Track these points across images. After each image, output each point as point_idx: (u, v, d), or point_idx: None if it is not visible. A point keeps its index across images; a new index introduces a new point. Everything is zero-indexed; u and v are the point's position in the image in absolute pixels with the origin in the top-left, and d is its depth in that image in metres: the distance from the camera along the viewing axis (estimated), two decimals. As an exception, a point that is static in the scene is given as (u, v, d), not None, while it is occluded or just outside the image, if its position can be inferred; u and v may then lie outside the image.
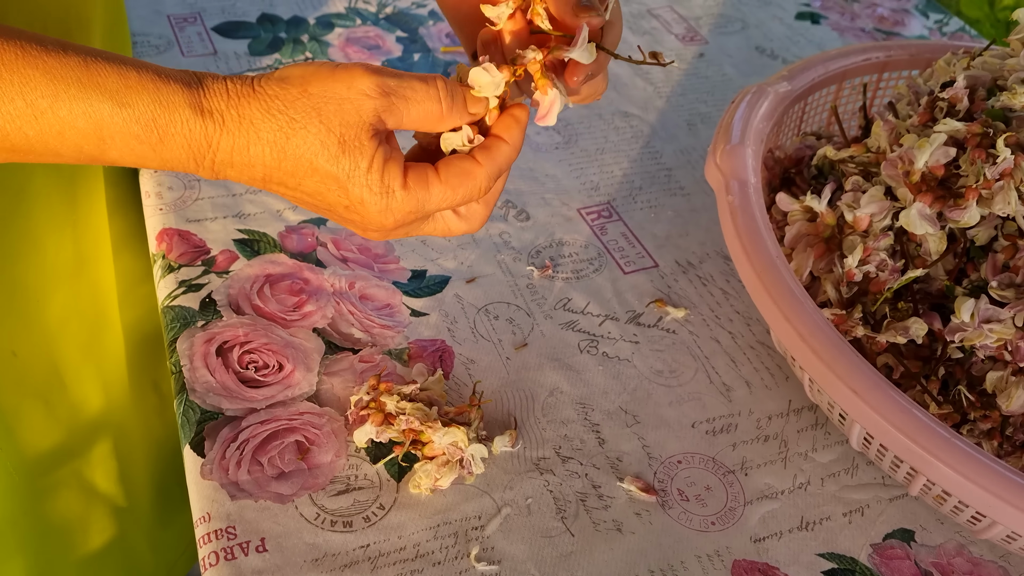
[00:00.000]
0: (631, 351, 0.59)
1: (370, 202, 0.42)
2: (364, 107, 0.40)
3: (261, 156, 0.40)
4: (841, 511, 0.52)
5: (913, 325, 0.49)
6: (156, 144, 0.39)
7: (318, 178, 0.41)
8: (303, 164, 0.41)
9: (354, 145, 0.40)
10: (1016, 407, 0.49)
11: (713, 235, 0.68)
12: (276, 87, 0.40)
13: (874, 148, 0.54)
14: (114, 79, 0.38)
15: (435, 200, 0.43)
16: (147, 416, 0.74)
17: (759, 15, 0.96)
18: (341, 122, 0.40)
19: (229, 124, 0.40)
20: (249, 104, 0.40)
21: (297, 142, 0.40)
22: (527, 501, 0.50)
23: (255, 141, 0.40)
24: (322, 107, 0.40)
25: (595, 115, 0.78)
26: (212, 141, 0.40)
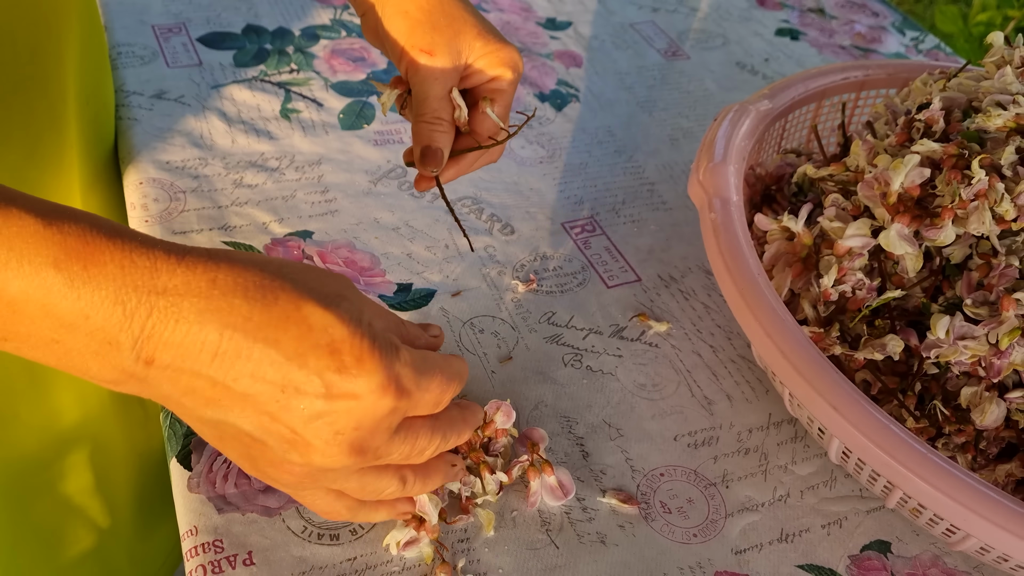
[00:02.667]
0: (615, 365, 0.60)
1: (370, 356, 0.35)
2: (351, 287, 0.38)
3: (230, 298, 0.34)
4: (820, 523, 0.53)
5: (890, 342, 0.50)
6: (77, 272, 0.32)
7: (305, 328, 0.34)
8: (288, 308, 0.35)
9: (350, 301, 0.36)
10: (989, 422, 0.50)
11: (695, 249, 0.69)
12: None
13: (853, 167, 0.55)
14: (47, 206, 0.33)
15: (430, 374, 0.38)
16: (130, 428, 0.74)
17: (740, 31, 0.97)
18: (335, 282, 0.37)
19: (193, 255, 0.35)
20: (218, 250, 0.36)
21: (283, 284, 0.35)
22: (512, 514, 0.51)
23: (227, 274, 0.34)
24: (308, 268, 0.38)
25: (579, 130, 0.79)
26: (160, 275, 0.33)
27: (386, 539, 0.47)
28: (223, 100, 0.75)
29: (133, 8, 0.83)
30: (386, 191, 0.69)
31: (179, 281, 0.33)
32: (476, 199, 0.70)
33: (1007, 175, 0.51)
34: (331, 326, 0.35)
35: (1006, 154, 0.52)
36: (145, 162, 0.68)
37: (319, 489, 0.40)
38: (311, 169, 0.70)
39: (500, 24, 0.91)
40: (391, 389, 0.36)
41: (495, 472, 0.50)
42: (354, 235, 0.65)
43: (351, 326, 0.35)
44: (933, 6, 2.86)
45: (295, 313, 0.34)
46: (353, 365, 0.35)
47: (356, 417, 0.35)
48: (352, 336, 0.35)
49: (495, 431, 0.51)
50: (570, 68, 0.87)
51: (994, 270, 0.51)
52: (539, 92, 0.83)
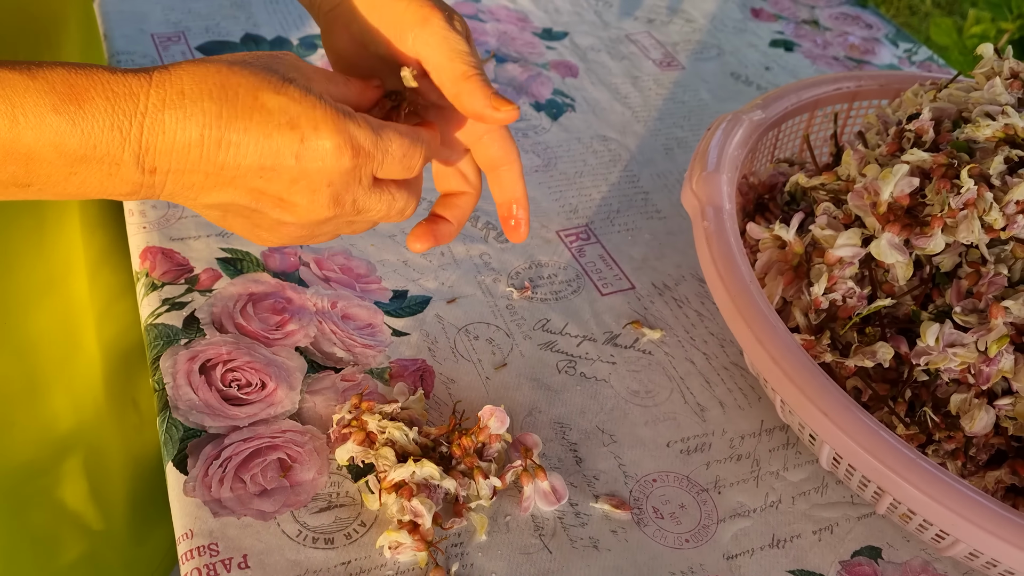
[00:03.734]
0: (608, 371, 0.60)
1: (325, 125, 0.39)
2: (297, 65, 0.42)
3: (199, 103, 0.38)
4: (811, 529, 0.53)
5: (880, 350, 0.51)
6: (74, 111, 0.36)
7: (265, 113, 0.39)
8: (248, 100, 0.39)
9: (300, 80, 0.41)
10: (979, 428, 0.51)
11: (689, 258, 0.70)
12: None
13: (844, 176, 0.56)
14: (22, 64, 0.36)
15: (386, 140, 0.42)
16: (126, 433, 0.74)
17: (734, 42, 0.98)
18: (284, 67, 0.41)
19: (158, 77, 0.38)
20: (181, 62, 0.39)
21: (239, 79, 0.39)
22: (506, 518, 0.51)
23: (190, 86, 0.38)
24: (263, 55, 0.41)
25: (574, 139, 0.80)
26: (138, 97, 0.37)
27: (379, 541, 0.48)
28: (221, 108, 0.75)
29: (133, 17, 0.84)
30: (382, 199, 0.70)
31: (155, 99, 0.38)
32: (472, 207, 0.71)
33: (995, 185, 0.52)
34: (286, 106, 0.39)
35: (995, 164, 0.52)
36: (143, 169, 0.68)
37: (322, 236, 0.45)
38: (308, 177, 0.70)
39: (497, 34, 0.92)
40: (347, 147, 0.40)
41: (489, 477, 0.51)
42: (350, 242, 0.66)
43: (304, 101, 0.40)
44: (928, 18, 2.88)
45: (254, 102, 0.39)
46: (311, 133, 0.40)
47: (326, 175, 0.41)
48: (306, 110, 0.40)
49: (489, 436, 0.52)
50: (566, 78, 0.88)
51: (983, 278, 0.52)
52: (535, 102, 0.83)
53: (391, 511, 0.49)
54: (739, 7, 1.05)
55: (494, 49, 0.90)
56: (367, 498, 0.50)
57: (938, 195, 0.52)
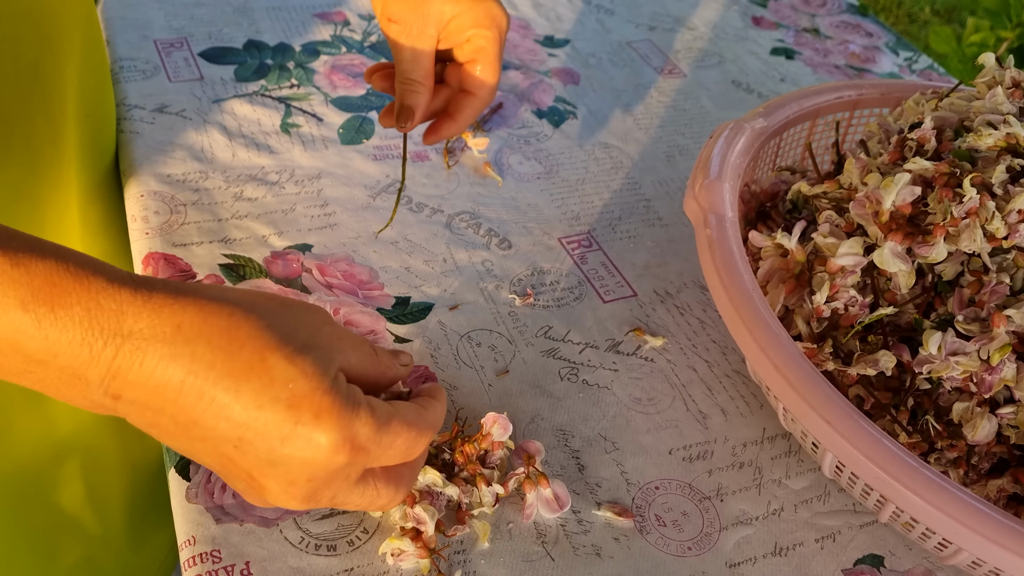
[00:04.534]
0: (610, 379, 0.60)
1: (328, 415, 0.35)
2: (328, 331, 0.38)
3: (192, 345, 0.34)
4: (813, 537, 0.53)
5: (882, 358, 0.51)
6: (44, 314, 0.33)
7: (267, 380, 0.35)
8: (253, 359, 0.35)
9: (320, 350, 0.36)
10: (981, 437, 0.51)
11: (691, 265, 0.70)
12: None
13: (846, 184, 0.56)
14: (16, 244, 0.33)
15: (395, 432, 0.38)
16: (125, 439, 0.74)
17: (735, 50, 0.98)
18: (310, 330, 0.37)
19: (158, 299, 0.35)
20: (197, 286, 0.36)
21: (251, 330, 0.35)
22: (508, 526, 0.51)
23: (191, 321, 0.34)
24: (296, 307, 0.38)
25: (576, 146, 0.80)
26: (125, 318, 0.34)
27: (382, 548, 0.48)
28: (224, 114, 0.76)
29: (136, 23, 0.84)
30: (385, 205, 0.70)
31: (144, 325, 0.34)
32: (474, 214, 0.71)
33: (998, 193, 0.52)
34: (293, 380, 0.35)
35: (997, 173, 0.52)
36: (146, 175, 0.68)
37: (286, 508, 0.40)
38: (311, 183, 0.71)
39: (499, 41, 0.92)
40: (346, 448, 0.36)
41: (491, 484, 0.51)
42: (353, 248, 0.66)
43: (314, 381, 0.35)
44: (927, 27, 2.89)
45: (259, 364, 0.35)
46: (310, 421, 0.35)
47: (310, 470, 0.36)
48: (313, 392, 0.35)
49: (492, 443, 0.52)
50: (568, 85, 0.88)
51: (985, 287, 0.52)
52: (537, 109, 0.84)
53: (394, 518, 0.49)
54: (740, 15, 1.05)
55: (496, 56, 0.90)
56: None
57: (940, 204, 0.52)
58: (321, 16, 0.90)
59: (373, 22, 0.91)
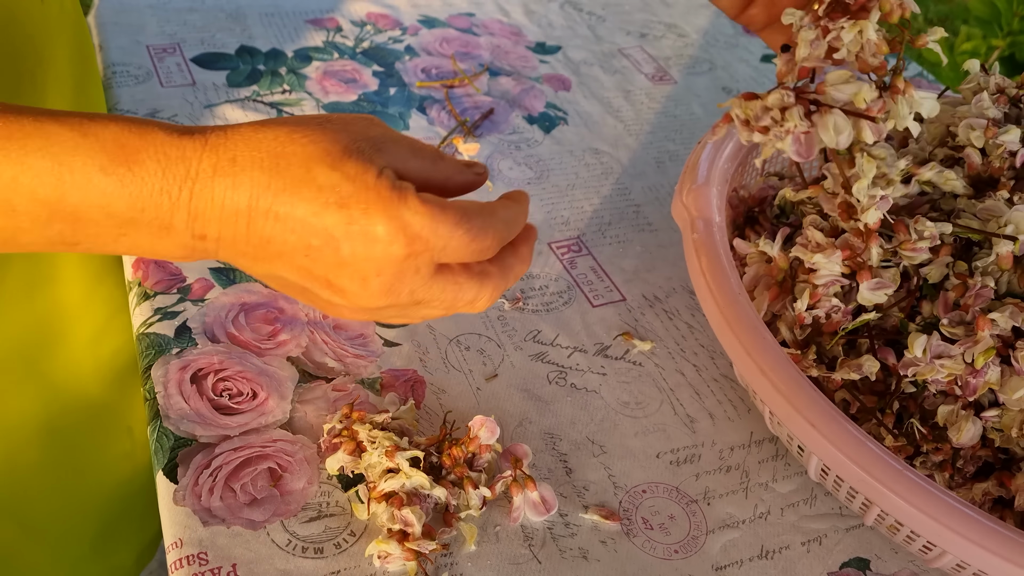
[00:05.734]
0: (599, 383, 0.60)
1: (377, 209, 0.36)
2: (372, 130, 0.39)
3: (248, 172, 0.36)
4: (800, 540, 0.54)
5: (866, 363, 0.51)
6: (123, 174, 0.35)
7: (315, 189, 0.36)
8: (300, 173, 0.36)
9: (364, 154, 0.37)
10: (965, 440, 0.51)
11: (679, 270, 0.70)
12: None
13: (830, 190, 0.56)
14: (74, 119, 0.35)
15: (446, 230, 0.38)
16: (113, 461, 0.73)
17: (726, 57, 0.99)
18: (355, 138, 0.38)
19: (213, 141, 0.37)
20: (243, 124, 0.38)
21: (295, 148, 0.37)
22: (495, 528, 0.51)
23: (244, 152, 0.37)
24: (342, 121, 0.38)
25: (566, 152, 0.81)
26: (191, 162, 0.36)
27: (368, 550, 0.48)
28: (216, 120, 0.76)
29: (128, 28, 0.85)
30: (375, 210, 0.70)
31: (206, 164, 0.36)
32: (464, 219, 0.71)
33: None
34: (338, 184, 0.37)
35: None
36: (137, 179, 0.68)
37: (390, 319, 0.42)
38: (301, 188, 0.71)
39: (490, 47, 0.93)
40: (400, 236, 0.37)
41: (478, 487, 0.51)
42: (343, 253, 0.66)
43: (357, 181, 0.37)
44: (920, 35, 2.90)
45: (306, 176, 0.37)
46: (361, 217, 0.37)
47: (375, 264, 0.38)
48: (358, 191, 0.37)
49: (479, 447, 0.52)
50: (559, 91, 0.88)
51: (970, 290, 0.52)
52: (528, 115, 0.84)
53: (381, 520, 0.49)
54: (731, 22, 1.06)
55: (488, 63, 0.90)
56: (357, 507, 0.50)
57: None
58: (313, 22, 0.90)
59: (365, 28, 0.91)
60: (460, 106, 0.83)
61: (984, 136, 0.56)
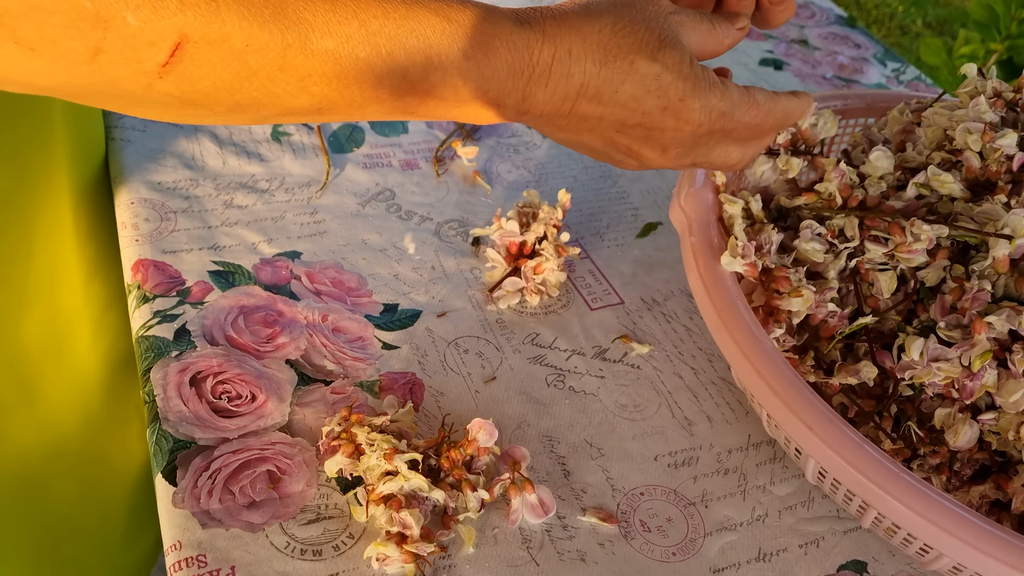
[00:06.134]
0: (597, 385, 0.60)
1: (691, 96, 0.43)
2: (672, 20, 0.44)
3: (581, 63, 0.42)
4: (797, 543, 0.54)
5: (864, 368, 0.51)
6: (481, 59, 0.40)
7: (638, 78, 0.43)
8: (624, 65, 0.42)
9: (674, 42, 0.43)
10: (962, 443, 0.51)
11: (677, 273, 0.70)
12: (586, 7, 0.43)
13: (825, 195, 0.57)
14: (434, 2, 0.39)
15: (744, 107, 0.45)
16: (128, 441, 0.75)
17: (724, 60, 0.99)
18: (661, 25, 0.43)
19: (549, 31, 0.41)
20: (565, 15, 0.42)
21: (619, 41, 0.42)
22: (493, 531, 0.51)
23: (577, 45, 0.42)
24: (644, 8, 0.43)
25: (565, 155, 0.81)
26: (533, 51, 0.41)
27: (367, 552, 0.48)
28: (215, 123, 0.76)
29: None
30: (374, 213, 0.70)
31: (547, 55, 0.42)
32: (462, 222, 0.71)
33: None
34: (658, 75, 0.43)
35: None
36: (137, 182, 0.69)
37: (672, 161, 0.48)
38: (300, 191, 0.71)
39: (489, 51, 0.93)
40: (706, 121, 0.45)
41: (477, 489, 0.51)
42: (342, 256, 0.66)
43: (674, 71, 0.43)
44: (919, 39, 2.91)
45: (629, 66, 0.43)
46: (677, 104, 0.44)
47: (679, 139, 0.45)
48: (675, 81, 0.43)
49: (477, 449, 0.52)
50: (557, 95, 0.88)
51: (967, 293, 0.53)
52: (526, 118, 0.84)
53: (379, 523, 0.49)
54: (729, 26, 1.06)
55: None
56: (355, 510, 0.50)
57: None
58: (313, 26, 0.90)
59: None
60: (459, 109, 0.83)
61: (981, 140, 0.56)
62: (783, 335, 0.54)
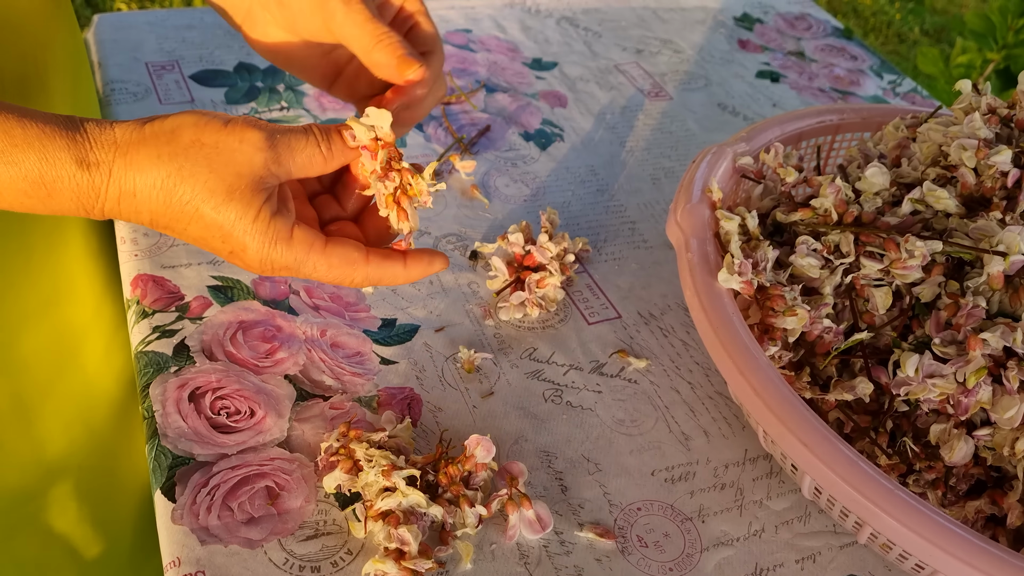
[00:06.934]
0: (594, 400, 0.61)
1: (252, 249, 0.45)
2: (255, 160, 0.44)
3: (148, 202, 0.43)
4: (794, 558, 0.54)
5: (859, 384, 0.52)
6: (44, 198, 0.42)
7: (203, 225, 0.44)
8: (188, 211, 0.44)
9: (243, 196, 0.44)
10: (958, 458, 0.52)
11: (674, 287, 0.71)
12: (168, 135, 0.43)
13: (821, 210, 0.57)
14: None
15: (310, 267, 0.46)
16: (133, 458, 0.74)
17: (721, 73, 0.99)
18: (233, 173, 0.43)
19: (116, 173, 0.43)
20: (138, 151, 0.43)
21: (184, 189, 0.43)
22: (491, 547, 0.51)
23: (142, 188, 0.43)
24: (213, 157, 0.43)
25: (563, 168, 0.81)
26: (99, 191, 0.43)
27: (365, 569, 0.48)
28: (214, 137, 0.76)
29: (127, 45, 0.85)
30: (372, 227, 0.70)
31: (114, 194, 0.43)
32: (460, 236, 0.72)
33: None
34: (221, 225, 0.44)
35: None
36: (136, 197, 0.69)
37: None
38: (299, 205, 0.71)
39: (487, 64, 0.93)
40: (268, 269, 0.46)
41: (474, 505, 0.51)
42: (340, 270, 0.66)
43: (239, 225, 0.44)
44: (916, 47, 2.92)
45: (194, 213, 0.44)
46: (239, 251, 0.45)
47: (260, 267, 0.46)
48: (238, 234, 0.44)
49: (475, 465, 0.52)
50: (555, 108, 0.89)
51: (962, 310, 0.53)
52: (524, 131, 0.85)
53: (377, 539, 0.49)
54: (726, 38, 1.06)
55: (484, 79, 0.91)
56: (354, 526, 0.51)
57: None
58: (312, 39, 0.91)
59: (363, 45, 0.92)
60: (457, 123, 0.84)
61: (976, 157, 0.57)
62: (779, 351, 0.54)
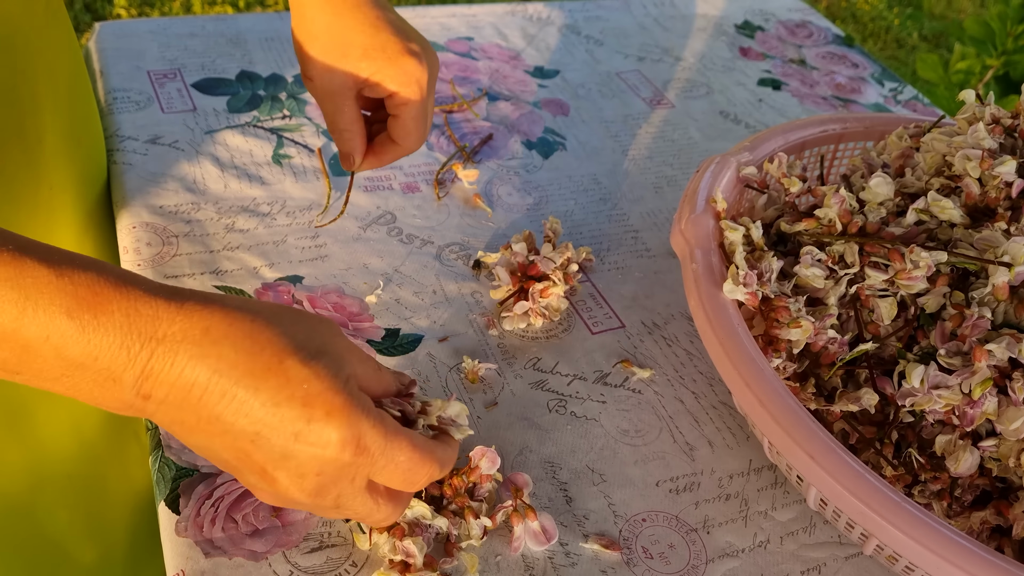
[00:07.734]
0: (598, 410, 0.61)
1: (339, 412, 0.38)
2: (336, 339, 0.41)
3: (219, 348, 0.37)
4: (799, 569, 0.54)
5: (864, 395, 0.52)
6: (88, 320, 0.35)
7: (284, 379, 0.38)
8: (272, 361, 0.38)
9: (331, 356, 0.39)
10: (963, 469, 0.51)
11: (678, 296, 0.71)
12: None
13: (825, 220, 0.57)
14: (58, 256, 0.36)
15: (398, 445, 0.40)
16: (126, 467, 0.74)
17: (723, 80, 1.00)
18: (320, 335, 0.40)
19: (188, 307, 0.37)
20: (224, 297, 0.39)
21: (270, 336, 0.38)
22: (496, 558, 0.51)
23: (219, 325, 0.37)
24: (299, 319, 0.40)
25: (565, 177, 0.81)
26: (161, 322, 0.37)
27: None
28: (216, 145, 0.76)
29: (129, 54, 0.85)
30: (375, 237, 0.70)
31: (177, 329, 0.37)
32: (463, 245, 0.71)
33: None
34: (308, 380, 0.38)
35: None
36: (138, 206, 0.69)
37: (294, 507, 0.43)
38: (302, 214, 0.71)
39: (489, 72, 0.93)
40: (351, 444, 0.39)
41: (479, 517, 0.51)
42: (343, 280, 0.66)
43: (326, 381, 0.38)
44: (915, 52, 2.92)
45: (277, 366, 0.38)
46: (322, 417, 0.38)
47: (319, 464, 0.39)
48: (325, 391, 0.38)
49: (480, 476, 0.52)
50: (557, 116, 0.89)
51: (967, 320, 0.53)
52: (526, 140, 0.85)
53: (382, 551, 0.49)
54: (728, 46, 1.06)
55: (486, 87, 0.91)
56: (358, 538, 0.50)
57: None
58: (313, 47, 0.91)
59: (365, 53, 0.92)
60: (459, 131, 0.84)
61: (980, 167, 0.57)
62: (783, 362, 0.54)
